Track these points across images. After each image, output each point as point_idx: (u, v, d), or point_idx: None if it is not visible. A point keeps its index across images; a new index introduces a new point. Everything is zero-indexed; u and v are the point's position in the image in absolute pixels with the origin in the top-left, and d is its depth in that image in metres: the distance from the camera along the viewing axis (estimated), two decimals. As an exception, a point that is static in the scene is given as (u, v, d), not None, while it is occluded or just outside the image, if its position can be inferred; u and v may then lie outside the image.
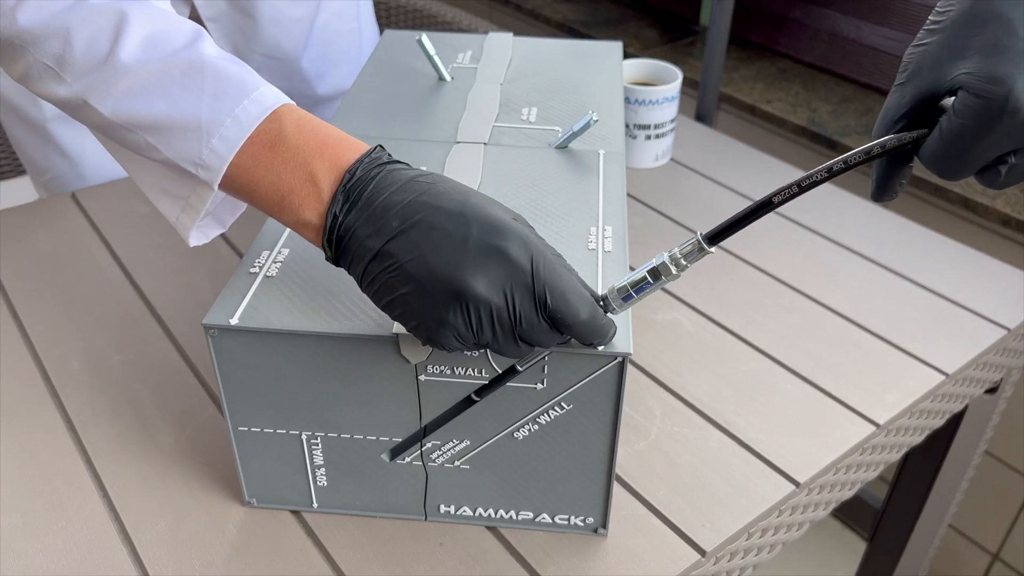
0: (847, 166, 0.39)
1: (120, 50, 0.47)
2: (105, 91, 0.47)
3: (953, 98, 0.38)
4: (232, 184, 0.47)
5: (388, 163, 0.45)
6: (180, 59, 0.47)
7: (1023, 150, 0.38)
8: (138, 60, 0.47)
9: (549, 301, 0.41)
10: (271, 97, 0.47)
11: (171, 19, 0.50)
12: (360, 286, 0.44)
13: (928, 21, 0.40)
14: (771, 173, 0.94)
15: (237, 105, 0.46)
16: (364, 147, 0.46)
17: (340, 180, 0.44)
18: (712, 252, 0.42)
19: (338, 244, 0.44)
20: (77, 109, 0.49)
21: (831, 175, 0.39)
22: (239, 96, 0.47)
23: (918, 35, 0.40)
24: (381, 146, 0.46)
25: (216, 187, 0.47)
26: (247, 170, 0.46)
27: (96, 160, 0.91)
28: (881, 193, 0.43)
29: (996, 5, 0.37)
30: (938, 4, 0.40)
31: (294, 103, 0.48)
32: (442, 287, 0.41)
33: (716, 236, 0.41)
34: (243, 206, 0.53)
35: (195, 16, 0.87)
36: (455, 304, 0.41)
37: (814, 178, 0.39)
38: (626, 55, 1.57)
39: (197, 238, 0.52)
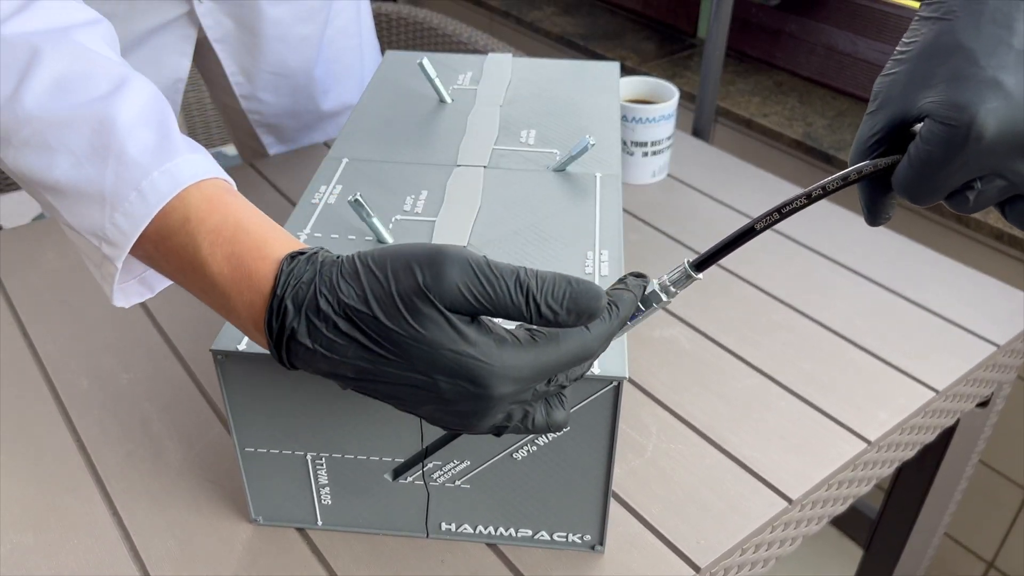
0: (825, 192, 0.41)
1: (25, 92, 0.42)
2: (6, 138, 0.43)
3: (921, 125, 0.39)
4: (144, 258, 0.43)
5: (309, 293, 0.39)
6: (92, 112, 0.43)
7: (989, 176, 0.39)
8: (43, 106, 0.42)
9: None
10: (186, 171, 0.43)
11: (94, 60, 0.45)
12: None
13: (895, 51, 0.41)
14: (768, 190, 0.95)
15: (145, 177, 0.42)
16: (276, 259, 0.41)
17: (265, 307, 0.40)
18: (700, 278, 0.43)
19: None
20: None
21: (810, 201, 0.41)
22: (149, 166, 0.42)
23: (887, 65, 0.42)
24: (296, 254, 0.41)
25: (119, 265, 0.43)
26: (156, 247, 0.42)
27: None
28: (873, 217, 0.45)
29: (958, 36, 0.38)
30: (904, 36, 0.41)
31: (216, 173, 0.44)
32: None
33: (702, 263, 0.43)
34: None
35: (202, 37, 0.89)
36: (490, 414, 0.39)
37: (793, 204, 0.41)
38: (624, 68, 1.59)
39: (120, 300, 0.47)
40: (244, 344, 0.49)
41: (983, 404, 0.83)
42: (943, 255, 0.87)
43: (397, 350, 0.38)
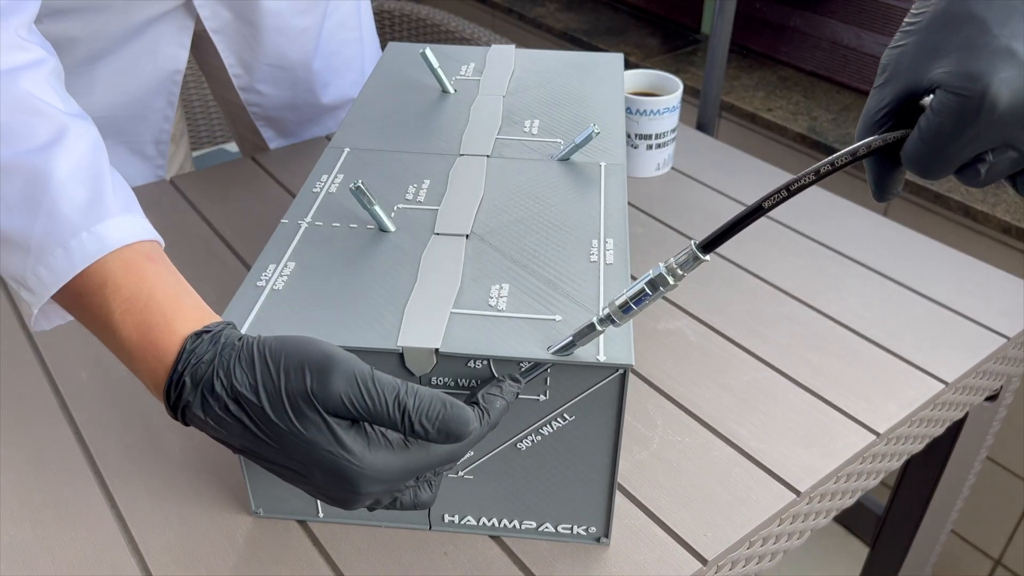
0: (834, 168, 0.40)
1: None
2: None
3: (931, 97, 0.39)
4: (60, 303, 0.45)
5: (206, 374, 0.42)
6: (27, 163, 0.44)
7: (1001, 148, 0.38)
8: None
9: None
10: (114, 234, 0.44)
11: (36, 109, 0.46)
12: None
13: (904, 23, 0.41)
14: (773, 183, 0.94)
15: (73, 236, 0.43)
16: (182, 336, 0.43)
17: (166, 376, 0.43)
18: (707, 260, 0.42)
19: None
20: None
21: (819, 177, 0.40)
22: (79, 225, 0.44)
23: (895, 37, 0.41)
24: (199, 333, 0.43)
25: (36, 310, 0.45)
26: (72, 300, 0.44)
27: None
28: (881, 193, 0.44)
29: (970, 5, 0.38)
30: (913, 6, 0.40)
31: (142, 236, 0.46)
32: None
33: (710, 244, 0.42)
34: None
35: (200, 29, 0.88)
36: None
37: (802, 181, 0.40)
38: (628, 64, 1.58)
39: (39, 324, 0.49)
40: (245, 332, 0.48)
41: (992, 398, 0.82)
42: (950, 248, 0.86)
43: (279, 441, 0.41)
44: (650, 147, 0.95)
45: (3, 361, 0.69)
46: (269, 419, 0.41)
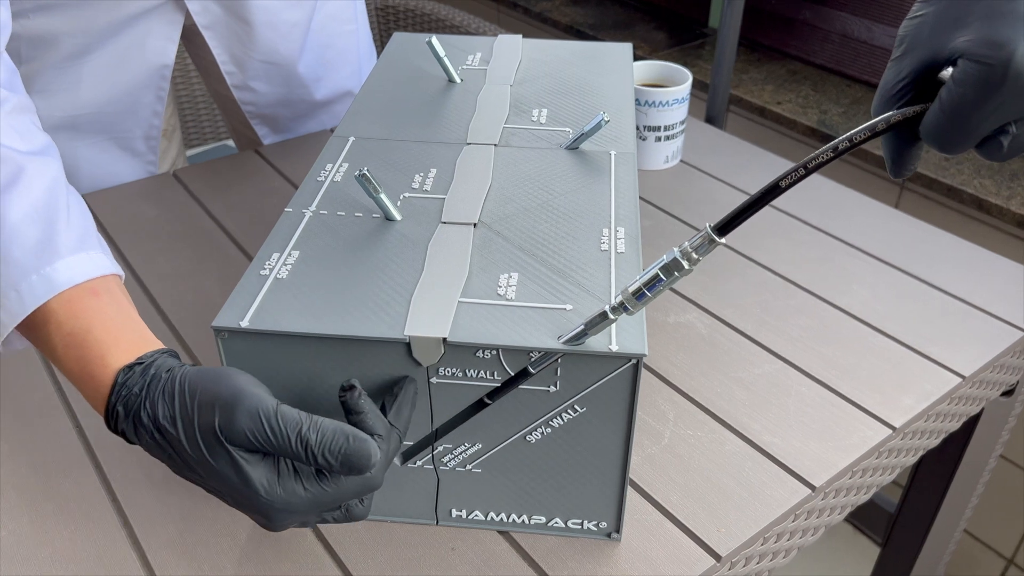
0: (852, 144, 0.38)
1: None
2: None
3: (952, 68, 0.37)
4: (22, 334, 0.48)
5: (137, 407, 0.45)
6: None
7: None
8: None
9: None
10: (62, 276, 0.47)
11: None
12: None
13: None
14: (782, 175, 0.93)
15: (24, 280, 0.46)
16: (115, 369, 0.46)
17: (103, 406, 0.45)
18: (723, 243, 0.41)
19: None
20: None
21: (837, 154, 0.38)
22: (29, 268, 0.46)
23: (913, 8, 0.39)
24: (132, 365, 0.46)
25: None
26: (26, 331, 0.47)
27: (89, 171, 0.90)
28: (898, 169, 0.43)
29: None
30: None
31: (91, 274, 0.48)
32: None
33: (726, 226, 0.40)
34: None
35: (190, 24, 0.87)
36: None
37: (820, 158, 0.38)
38: (635, 58, 1.57)
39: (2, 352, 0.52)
40: (247, 321, 0.47)
41: (1008, 393, 0.80)
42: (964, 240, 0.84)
43: (198, 469, 0.44)
44: (659, 139, 0.93)
45: (3, 358, 0.68)
46: (184, 450, 0.43)
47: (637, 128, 0.93)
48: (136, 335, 0.48)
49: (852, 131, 0.38)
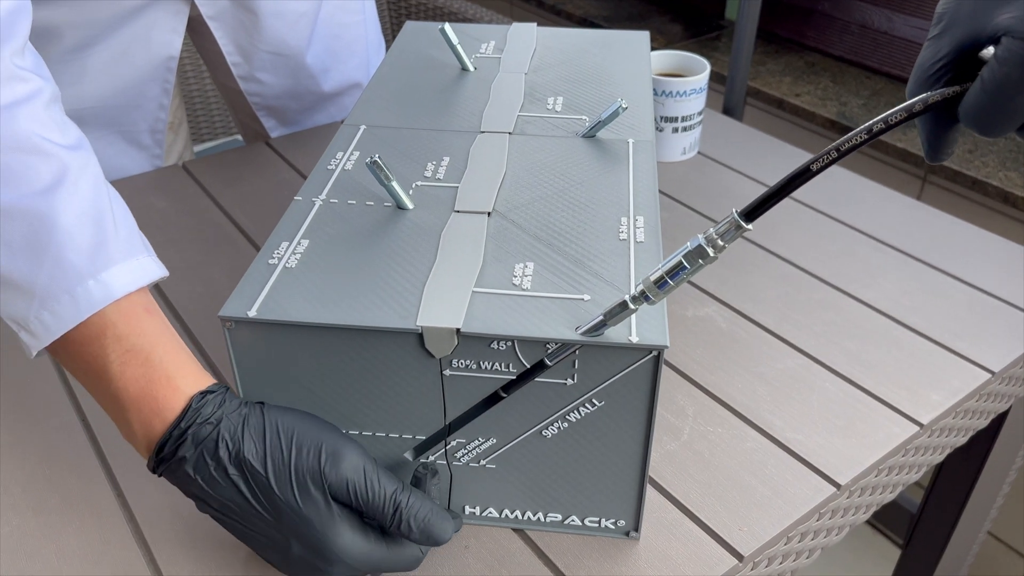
0: (887, 126, 0.36)
1: None
2: None
3: (995, 47, 0.35)
4: (49, 349, 0.45)
5: (200, 438, 0.43)
6: (30, 207, 0.43)
7: None
8: None
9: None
10: (120, 281, 0.44)
11: (36, 147, 0.44)
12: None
13: None
14: (803, 166, 0.91)
15: (80, 284, 0.43)
16: (187, 394, 0.44)
17: (163, 431, 0.44)
18: (750, 229, 0.39)
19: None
20: None
21: (872, 136, 0.36)
22: (85, 272, 0.43)
23: None
24: (203, 392, 0.45)
25: (34, 354, 0.45)
26: (66, 347, 0.44)
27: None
28: (935, 153, 0.41)
29: None
30: None
31: (145, 281, 0.46)
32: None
33: (753, 211, 0.38)
34: None
35: (196, 15, 0.85)
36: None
37: (853, 140, 0.36)
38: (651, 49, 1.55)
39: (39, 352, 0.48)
40: (255, 311, 0.46)
41: (1036, 390, 0.78)
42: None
43: (272, 511, 0.43)
44: (676, 130, 0.92)
45: (6, 345, 0.67)
46: (270, 490, 0.43)
47: (654, 119, 0.91)
48: (196, 365, 0.47)
49: (888, 112, 0.36)
